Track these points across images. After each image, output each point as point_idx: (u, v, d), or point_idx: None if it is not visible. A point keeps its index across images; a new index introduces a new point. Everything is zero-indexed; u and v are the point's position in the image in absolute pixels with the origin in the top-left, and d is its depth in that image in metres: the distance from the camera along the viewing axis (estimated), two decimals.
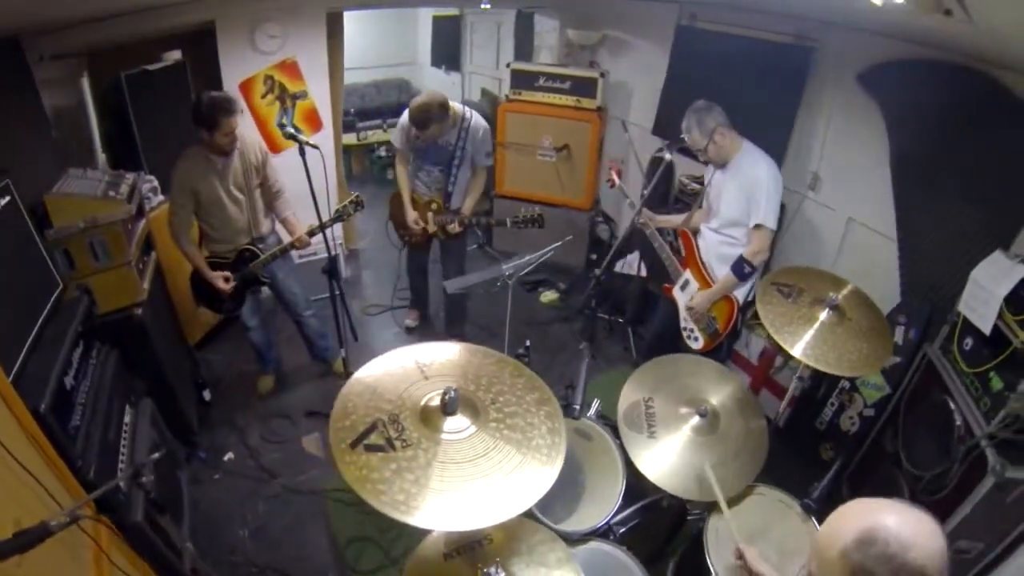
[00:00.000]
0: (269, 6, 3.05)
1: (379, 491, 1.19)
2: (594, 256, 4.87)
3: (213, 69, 3.08)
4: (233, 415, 3.17)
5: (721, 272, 2.72)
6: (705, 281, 2.77)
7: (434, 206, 3.36)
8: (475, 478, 1.21)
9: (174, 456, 2.65)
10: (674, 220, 3.08)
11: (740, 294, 2.76)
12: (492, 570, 1.31)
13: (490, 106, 5.23)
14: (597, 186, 4.58)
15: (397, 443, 1.24)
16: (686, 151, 3.01)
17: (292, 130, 2.40)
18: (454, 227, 3.24)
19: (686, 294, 2.83)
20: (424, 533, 1.47)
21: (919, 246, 2.63)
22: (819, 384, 2.98)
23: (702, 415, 2.08)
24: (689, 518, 2.37)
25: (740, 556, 1.70)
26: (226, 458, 2.93)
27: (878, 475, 2.55)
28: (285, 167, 2.87)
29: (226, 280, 2.82)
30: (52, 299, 2.20)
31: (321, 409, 3.23)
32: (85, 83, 2.77)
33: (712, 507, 2.01)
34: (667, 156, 3.00)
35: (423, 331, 4.05)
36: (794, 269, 2.22)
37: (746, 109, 3.26)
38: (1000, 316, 2.02)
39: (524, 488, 1.21)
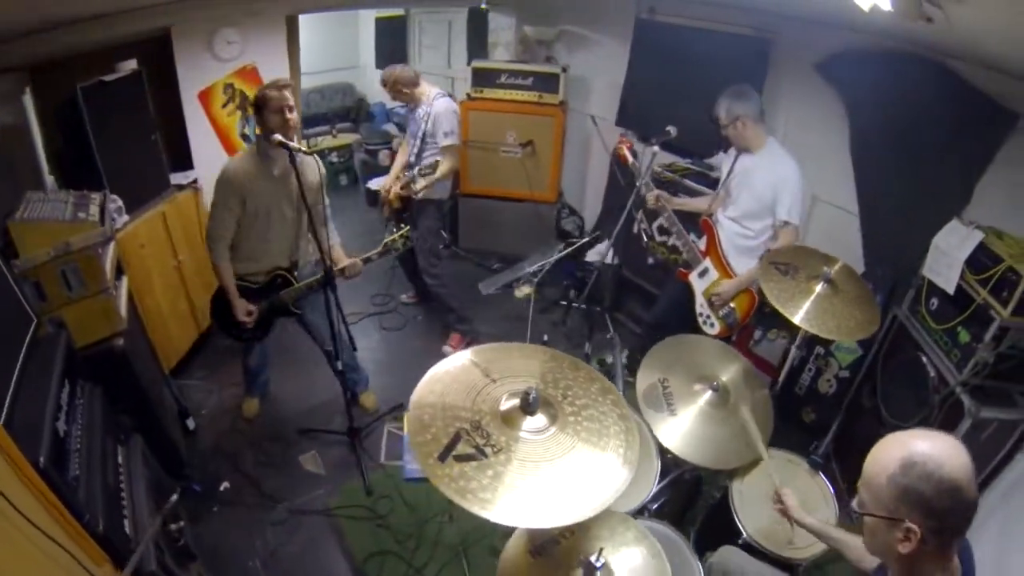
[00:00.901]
0: (228, 11, 2.89)
1: (484, 500, 1.18)
2: (561, 248, 4.97)
3: (171, 78, 2.89)
4: (221, 442, 3.01)
5: (737, 262, 2.80)
6: (725, 270, 2.83)
7: (398, 177, 3.47)
8: (565, 472, 1.24)
9: (166, 492, 2.50)
10: (690, 203, 3.12)
11: (756, 287, 2.85)
12: (593, 558, 1.34)
13: None
14: (561, 179, 4.66)
15: (487, 449, 1.24)
16: (667, 145, 3.10)
17: (279, 138, 2.28)
18: (395, 191, 3.40)
19: (704, 281, 2.88)
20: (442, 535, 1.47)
21: (879, 219, 2.88)
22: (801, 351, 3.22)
23: (715, 390, 2.22)
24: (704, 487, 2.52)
25: (779, 500, 1.85)
26: (222, 488, 2.78)
27: (860, 430, 2.79)
28: None
29: (248, 313, 2.60)
30: (28, 336, 2.02)
31: (314, 426, 3.13)
32: (28, 99, 2.53)
33: (732, 474, 2.15)
34: (655, 148, 3.03)
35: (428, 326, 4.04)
36: (788, 248, 2.37)
37: (709, 100, 3.46)
38: (962, 277, 2.27)
39: (609, 476, 1.25)
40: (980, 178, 2.40)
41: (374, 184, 5.06)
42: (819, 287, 2.14)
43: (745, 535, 1.98)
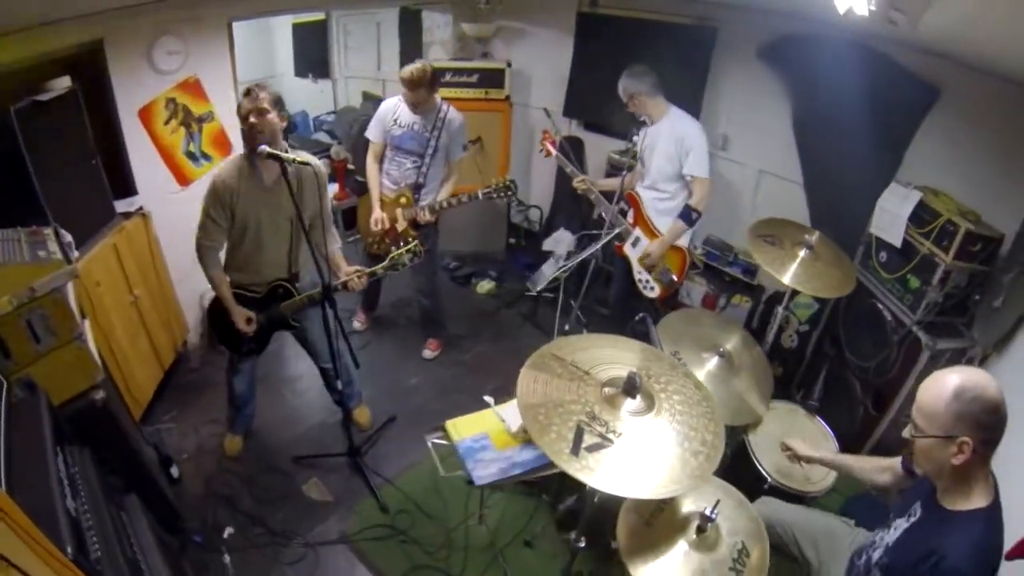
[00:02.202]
0: (166, 17, 2.62)
1: (624, 482, 1.23)
2: (512, 240, 5.05)
3: (106, 96, 2.58)
4: (212, 485, 2.79)
5: (662, 224, 3.02)
6: (652, 234, 3.05)
7: (403, 200, 3.22)
8: (670, 446, 1.33)
9: (172, 551, 2.30)
10: (612, 183, 3.29)
11: (685, 242, 3.08)
12: (708, 510, 1.44)
13: (374, 109, 5.06)
14: (509, 173, 4.71)
15: (611, 435, 1.29)
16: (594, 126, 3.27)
17: (277, 151, 2.14)
18: (424, 215, 3.13)
19: (637, 250, 3.09)
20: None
21: (822, 187, 3.22)
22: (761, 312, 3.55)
23: (721, 355, 2.41)
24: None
25: (787, 448, 2.11)
26: (226, 534, 2.58)
27: (827, 375, 3.11)
28: (197, 203, 2.43)
29: (248, 321, 2.45)
30: (2, 404, 1.77)
31: (308, 452, 2.98)
32: None
33: (745, 428, 2.36)
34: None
35: (406, 337, 3.90)
36: (769, 221, 2.61)
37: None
38: (907, 232, 2.61)
39: (703, 446, 1.36)
40: (908, 145, 2.77)
41: None
42: (802, 252, 2.38)
43: (771, 480, 2.19)
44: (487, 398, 2.37)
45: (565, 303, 4.15)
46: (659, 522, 1.51)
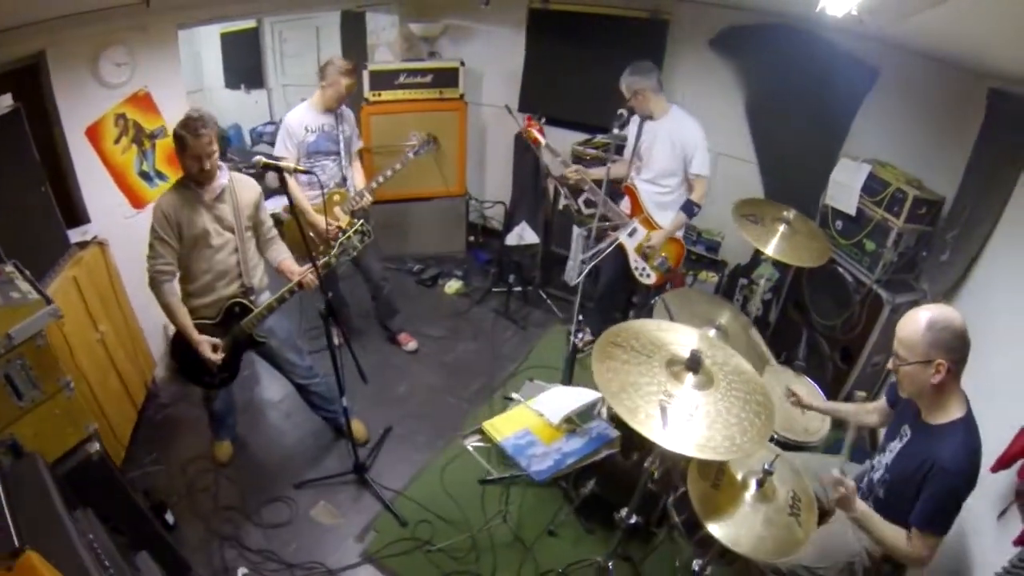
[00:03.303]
0: (111, 26, 2.38)
1: (711, 448, 1.34)
2: (472, 238, 5.05)
3: (51, 114, 2.32)
4: (213, 526, 2.60)
5: (661, 216, 3.16)
6: (651, 226, 3.17)
7: (337, 197, 3.23)
8: (738, 413, 1.45)
9: None
10: (602, 172, 3.38)
11: (680, 233, 3.25)
12: (766, 464, 1.56)
13: None
14: (467, 171, 4.70)
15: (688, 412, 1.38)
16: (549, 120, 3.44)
17: (275, 163, 2.06)
18: (367, 200, 3.24)
19: (634, 240, 3.20)
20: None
21: (774, 165, 3.48)
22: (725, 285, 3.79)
23: (718, 328, 2.57)
24: None
25: (792, 395, 2.30)
26: (241, 574, 2.44)
27: (793, 335, 3.37)
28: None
29: (215, 349, 2.33)
30: None
31: (308, 475, 2.87)
32: None
33: None
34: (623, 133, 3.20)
35: (380, 345, 3.82)
36: (749, 201, 2.79)
37: (612, 80, 3.78)
38: (860, 201, 2.89)
39: (763, 412, 1.48)
40: (852, 122, 3.06)
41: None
42: (782, 228, 2.58)
43: (776, 435, 2.37)
44: (515, 395, 2.39)
45: (505, 301, 4.23)
46: (724, 484, 1.62)
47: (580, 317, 2.71)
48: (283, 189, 2.09)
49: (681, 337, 1.69)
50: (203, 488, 2.76)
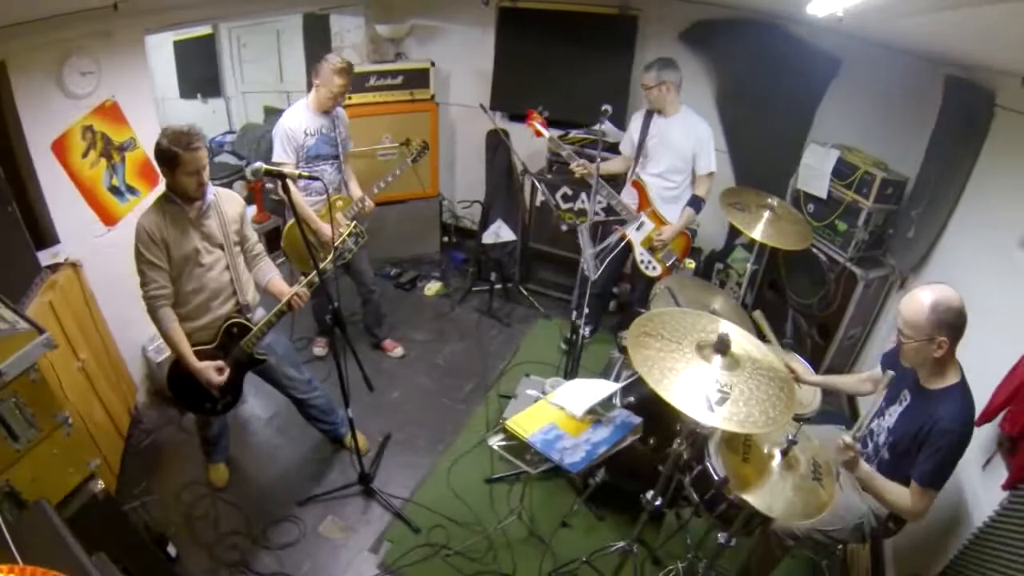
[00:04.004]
0: (74, 33, 2.22)
1: (750, 423, 1.43)
2: (446, 239, 5.02)
3: (12, 128, 2.15)
4: (218, 554, 2.49)
5: (667, 210, 3.21)
6: (659, 220, 3.22)
7: (340, 203, 3.12)
8: (765, 390, 1.53)
9: None
10: (606, 166, 3.36)
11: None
12: (789, 435, 1.66)
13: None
14: (440, 172, 4.67)
15: (726, 389, 1.47)
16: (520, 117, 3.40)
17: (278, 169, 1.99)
18: (371, 204, 3.15)
19: (641, 233, 3.24)
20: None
21: (744, 153, 3.63)
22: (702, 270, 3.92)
23: (713, 311, 2.66)
24: None
25: (791, 372, 2.38)
26: None
27: (770, 315, 3.53)
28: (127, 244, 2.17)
29: (219, 371, 2.22)
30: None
31: (311, 492, 2.79)
32: None
33: None
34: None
35: (367, 351, 3.73)
36: (732, 190, 2.89)
37: (583, 78, 3.85)
38: (830, 184, 3.07)
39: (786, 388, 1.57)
40: (817, 110, 3.23)
41: None
42: (766, 214, 2.70)
43: None
44: (531, 391, 2.40)
45: (488, 300, 4.24)
46: (752, 457, 1.70)
47: (587, 310, 2.74)
48: (286, 196, 2.01)
49: (703, 322, 1.75)
50: (202, 515, 2.64)
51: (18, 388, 1.66)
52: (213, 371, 2.22)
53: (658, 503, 2.00)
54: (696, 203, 3.17)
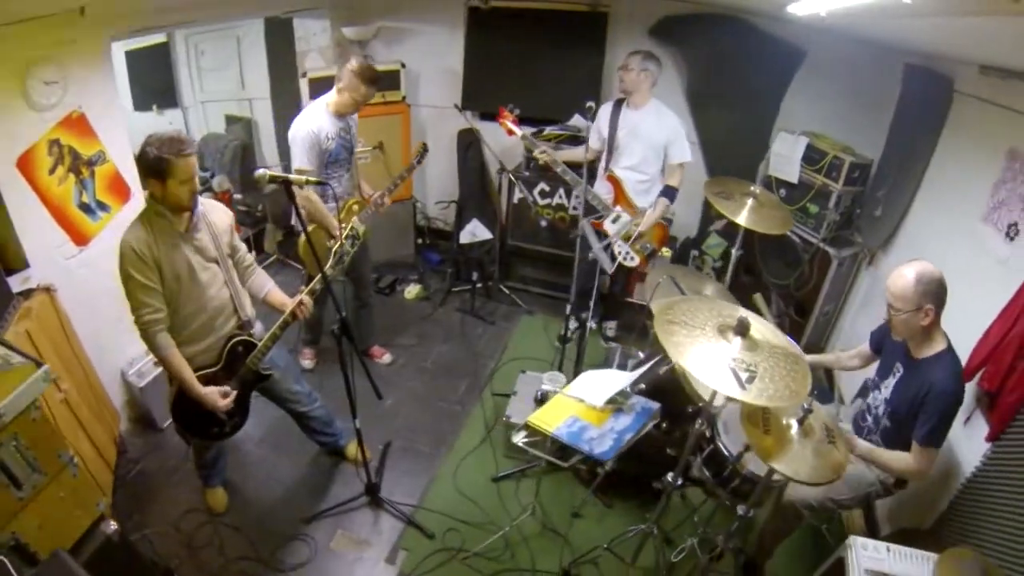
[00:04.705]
0: (39, 40, 2.06)
1: (775, 397, 1.52)
2: (420, 241, 4.98)
3: None
4: None
5: (642, 202, 3.28)
6: (634, 211, 3.28)
7: (356, 207, 3.04)
8: (783, 368, 1.62)
9: None
10: (569, 155, 3.46)
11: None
12: (805, 405, 1.76)
13: (244, 131, 4.53)
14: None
15: (752, 368, 1.54)
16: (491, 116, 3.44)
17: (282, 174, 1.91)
18: (388, 201, 3.12)
19: (618, 225, 3.30)
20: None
21: (714, 142, 3.77)
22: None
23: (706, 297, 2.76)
24: None
25: None
26: None
27: (745, 292, 3.68)
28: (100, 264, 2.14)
29: (225, 395, 2.12)
30: None
31: (317, 508, 2.72)
32: None
33: None
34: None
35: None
36: (716, 180, 2.97)
37: (554, 75, 3.89)
38: (801, 169, 3.23)
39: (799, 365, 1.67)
40: (783, 99, 3.39)
41: None
42: (749, 201, 2.80)
43: None
44: (547, 386, 2.42)
45: (471, 300, 4.25)
46: (773, 429, 1.79)
47: (591, 304, 2.77)
48: (291, 203, 1.94)
49: (717, 308, 1.82)
50: (205, 543, 2.52)
51: (18, 429, 1.54)
52: (218, 396, 2.11)
53: (679, 483, 2.07)
54: (670, 193, 3.25)
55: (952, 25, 1.67)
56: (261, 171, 1.87)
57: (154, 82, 4.04)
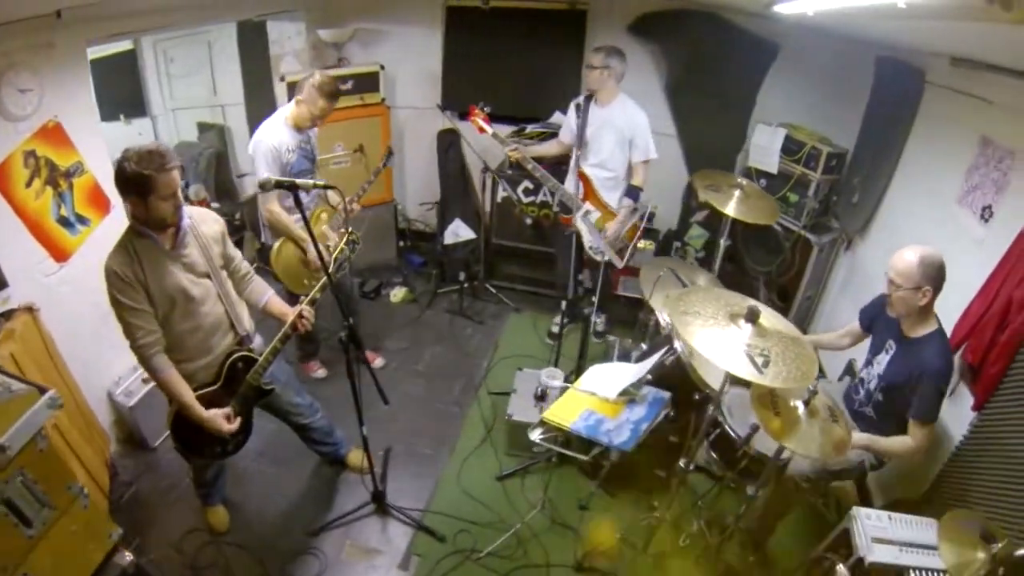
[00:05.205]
0: (10, 46, 1.95)
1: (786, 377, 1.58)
2: (402, 243, 4.93)
3: None
4: None
5: (609, 196, 3.31)
6: (604, 207, 3.31)
7: (324, 215, 3.00)
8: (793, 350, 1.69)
9: None
10: (540, 150, 3.51)
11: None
12: (810, 387, 1.83)
13: (218, 138, 4.39)
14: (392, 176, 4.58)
15: (766, 352, 1.60)
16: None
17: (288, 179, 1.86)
18: (357, 206, 3.08)
19: (589, 220, 3.31)
20: None
21: (692, 136, 3.86)
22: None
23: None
24: None
25: None
26: None
27: (730, 281, 3.78)
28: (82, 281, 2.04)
29: (228, 418, 2.04)
30: None
31: (322, 521, 2.67)
32: None
33: None
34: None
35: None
36: (704, 173, 3.04)
37: (534, 74, 3.92)
38: (780, 160, 3.34)
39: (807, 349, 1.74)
40: (758, 92, 3.50)
41: None
42: (736, 193, 2.89)
43: None
44: (556, 382, 2.43)
45: (459, 301, 4.24)
46: (782, 410, 1.86)
47: (595, 300, 2.80)
48: (299, 209, 1.90)
49: (725, 297, 1.89)
50: (210, 564, 2.45)
51: (24, 462, 1.46)
52: (222, 419, 2.03)
53: (691, 468, 2.12)
54: (633, 193, 3.27)
55: (928, 24, 1.76)
56: (265, 176, 1.83)
57: (121, 91, 3.85)
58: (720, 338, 1.70)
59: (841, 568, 1.79)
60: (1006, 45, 1.73)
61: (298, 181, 1.88)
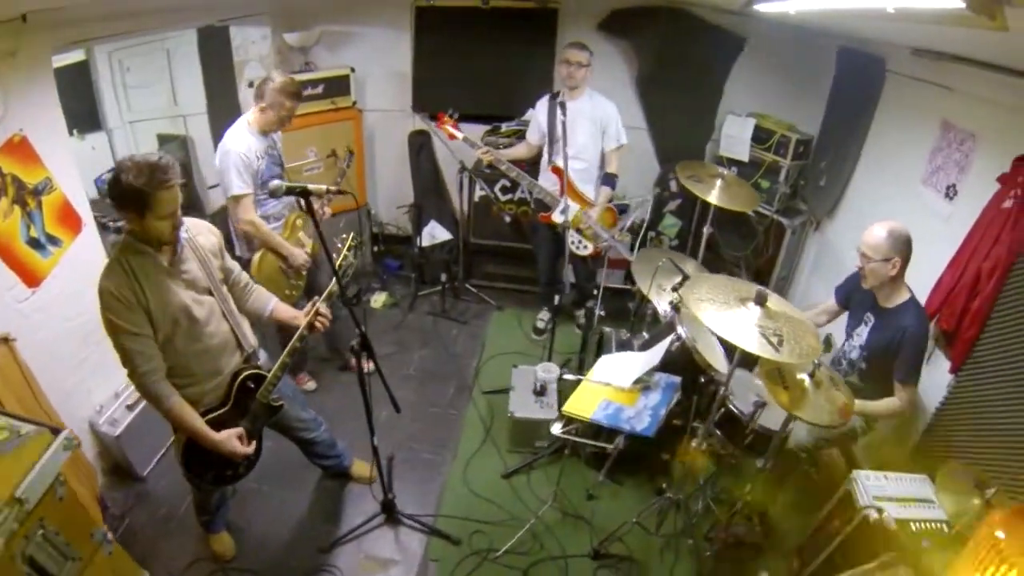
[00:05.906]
0: None
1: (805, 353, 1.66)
2: (376, 248, 4.85)
3: None
4: None
5: (585, 188, 3.38)
6: (581, 200, 3.36)
7: (299, 222, 2.95)
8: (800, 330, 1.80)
9: None
10: (512, 152, 3.55)
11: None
12: (816, 360, 1.94)
13: (180, 150, 4.18)
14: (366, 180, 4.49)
15: (779, 332, 1.71)
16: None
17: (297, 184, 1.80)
18: (328, 211, 3.07)
19: (568, 216, 3.24)
20: None
21: (662, 129, 3.96)
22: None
23: (687, 277, 2.91)
24: None
25: None
26: None
27: (710, 267, 3.92)
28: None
29: (241, 439, 1.95)
30: None
31: (333, 537, 2.60)
32: None
33: None
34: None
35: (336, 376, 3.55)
36: (686, 164, 3.12)
37: (506, 72, 3.92)
38: (751, 148, 3.49)
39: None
40: (725, 84, 3.64)
41: None
42: (718, 182, 2.99)
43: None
44: (567, 375, 2.45)
45: (441, 302, 4.24)
46: (790, 383, 1.95)
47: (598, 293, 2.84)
48: (311, 215, 1.85)
49: (731, 285, 1.97)
50: None
51: (44, 513, 1.35)
52: (235, 440, 1.94)
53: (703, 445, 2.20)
54: (610, 181, 3.37)
55: (897, 25, 1.88)
56: (276, 183, 1.77)
57: (73, 104, 3.57)
58: (735, 321, 1.78)
59: (887, 516, 1.89)
60: (967, 38, 1.87)
61: (310, 186, 1.82)
